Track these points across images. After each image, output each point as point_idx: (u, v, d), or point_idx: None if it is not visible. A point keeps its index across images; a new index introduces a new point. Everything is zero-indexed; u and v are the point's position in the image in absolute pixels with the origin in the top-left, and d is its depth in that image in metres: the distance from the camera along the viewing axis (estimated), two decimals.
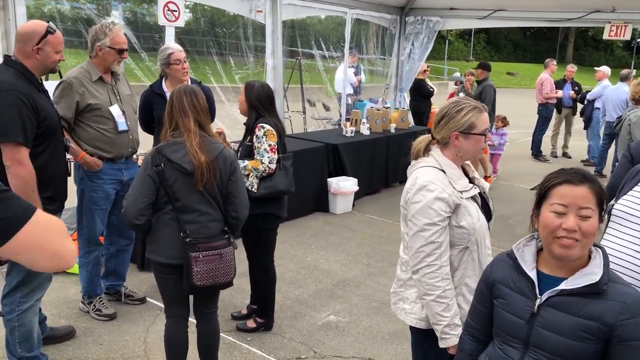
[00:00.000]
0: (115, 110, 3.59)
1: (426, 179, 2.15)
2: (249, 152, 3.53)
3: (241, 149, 3.62)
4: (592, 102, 9.98)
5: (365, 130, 7.49)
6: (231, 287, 2.98)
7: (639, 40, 31.39)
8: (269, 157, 3.48)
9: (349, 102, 9.59)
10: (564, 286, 1.60)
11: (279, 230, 3.78)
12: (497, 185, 8.27)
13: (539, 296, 1.63)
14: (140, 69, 6.69)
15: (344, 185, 6.50)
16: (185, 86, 2.86)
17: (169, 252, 2.72)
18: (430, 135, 2.30)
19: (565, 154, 10.96)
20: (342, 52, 8.85)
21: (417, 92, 9.50)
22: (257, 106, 3.53)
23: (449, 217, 2.13)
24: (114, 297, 4.08)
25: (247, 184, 3.39)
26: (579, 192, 1.57)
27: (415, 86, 9.43)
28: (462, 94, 8.56)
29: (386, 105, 8.98)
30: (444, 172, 2.18)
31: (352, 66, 9.90)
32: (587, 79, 18.59)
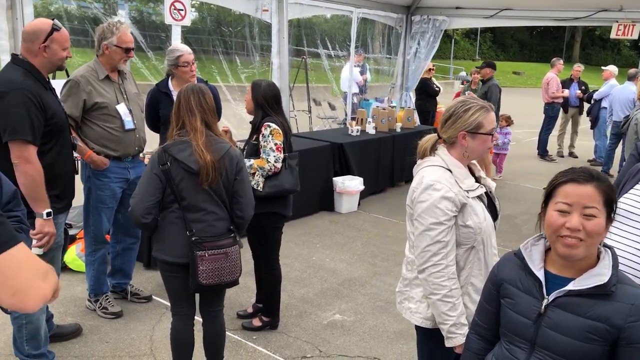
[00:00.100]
0: (122, 108, 3.60)
1: (432, 178, 2.15)
2: (255, 151, 3.54)
3: (247, 147, 3.63)
4: (599, 101, 9.93)
5: (370, 129, 7.48)
6: (237, 286, 2.99)
7: None
8: (274, 156, 3.48)
9: (355, 101, 9.58)
10: (571, 287, 1.58)
11: (284, 229, 3.79)
12: (503, 184, 8.24)
13: (546, 296, 1.62)
14: (146, 67, 6.71)
15: (350, 184, 6.49)
16: (193, 85, 2.86)
17: (175, 250, 2.72)
18: (436, 134, 2.30)
19: (571, 154, 10.91)
20: (347, 51, 8.85)
21: (422, 92, 9.50)
22: (263, 105, 3.53)
23: (455, 216, 2.12)
24: (120, 295, 4.10)
25: (252, 183, 3.39)
26: (584, 191, 1.55)
27: (420, 85, 9.42)
28: (468, 92, 8.54)
29: (392, 104, 8.96)
30: (450, 172, 2.18)
31: (357, 65, 9.90)
32: (594, 78, 18.52)
